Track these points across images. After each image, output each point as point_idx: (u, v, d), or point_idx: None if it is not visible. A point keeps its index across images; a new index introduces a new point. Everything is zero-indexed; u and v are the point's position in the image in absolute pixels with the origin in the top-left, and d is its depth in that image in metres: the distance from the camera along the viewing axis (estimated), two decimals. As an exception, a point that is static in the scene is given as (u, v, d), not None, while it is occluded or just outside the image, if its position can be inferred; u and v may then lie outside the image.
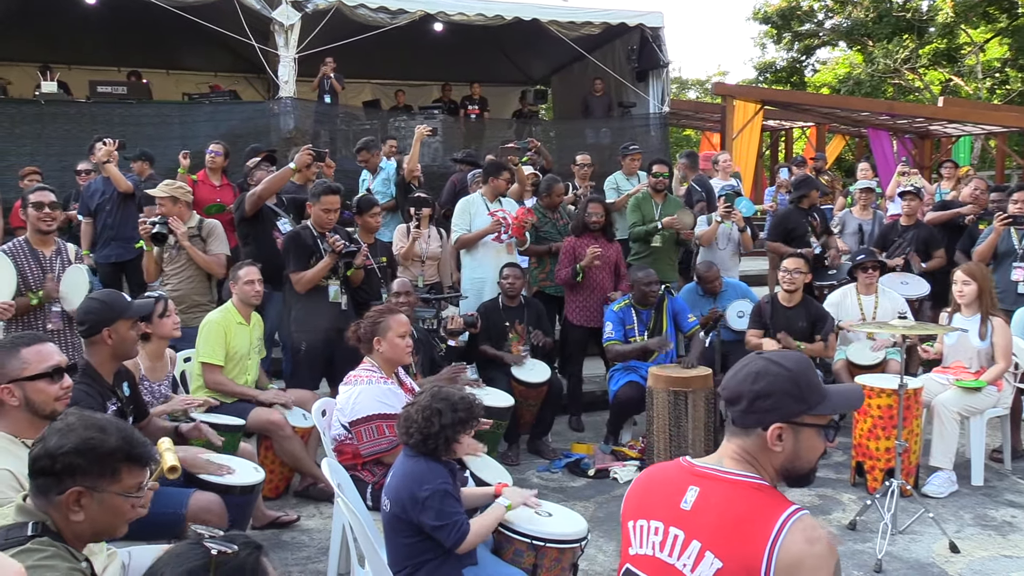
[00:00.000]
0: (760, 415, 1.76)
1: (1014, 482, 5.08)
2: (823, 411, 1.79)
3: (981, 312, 5.09)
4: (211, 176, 6.87)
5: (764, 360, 1.82)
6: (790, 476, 1.81)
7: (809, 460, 1.80)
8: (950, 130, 14.26)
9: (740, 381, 1.81)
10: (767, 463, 1.79)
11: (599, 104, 12.18)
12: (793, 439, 1.77)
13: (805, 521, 1.67)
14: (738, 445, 1.81)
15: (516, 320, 5.71)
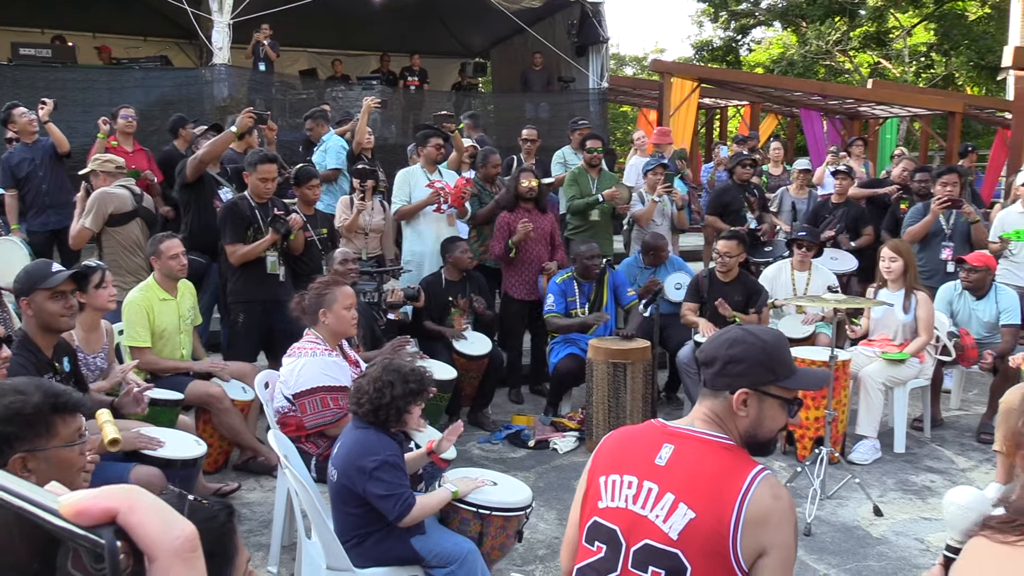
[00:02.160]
0: (730, 379, 1.87)
1: (933, 449, 5.34)
2: (789, 385, 1.89)
3: (906, 287, 5.29)
4: (123, 142, 6.66)
5: (743, 330, 1.93)
6: (752, 443, 1.90)
7: (770, 430, 1.90)
8: (878, 112, 14.66)
9: (717, 346, 1.91)
10: (733, 427, 1.89)
11: (538, 78, 12.18)
12: (758, 407, 1.87)
13: (771, 479, 1.79)
14: (708, 407, 1.91)
15: (459, 294, 5.72)
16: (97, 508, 0.49)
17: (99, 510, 0.49)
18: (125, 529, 0.49)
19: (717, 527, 1.75)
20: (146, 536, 0.49)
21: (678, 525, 1.78)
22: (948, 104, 14.29)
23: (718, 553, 1.75)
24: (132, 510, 0.50)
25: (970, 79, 25.04)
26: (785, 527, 1.76)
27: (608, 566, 1.87)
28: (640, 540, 1.82)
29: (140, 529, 0.49)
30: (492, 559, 3.03)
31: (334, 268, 4.82)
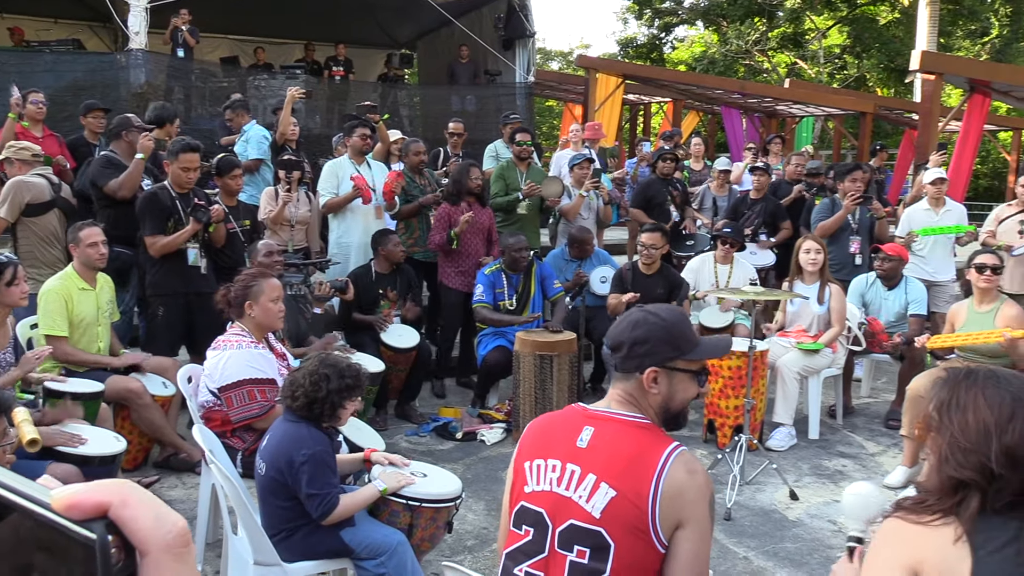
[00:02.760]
0: (638, 359, 1.94)
1: (845, 435, 5.57)
2: (694, 357, 1.97)
3: (821, 280, 5.50)
4: (33, 127, 6.40)
5: (643, 312, 2.00)
6: (667, 416, 1.98)
7: (683, 401, 1.98)
8: (795, 110, 15.14)
9: (621, 330, 1.99)
10: (647, 405, 1.96)
11: (465, 71, 12.16)
12: (667, 382, 1.95)
13: (685, 455, 1.87)
14: (622, 389, 1.98)
15: (388, 287, 5.70)
16: (89, 502, 0.49)
17: (91, 504, 0.49)
18: (117, 523, 0.49)
19: (637, 503, 1.82)
20: (138, 530, 0.50)
21: (600, 504, 1.84)
22: (860, 104, 14.86)
23: (639, 528, 1.82)
24: (124, 504, 0.50)
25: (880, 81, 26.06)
26: (701, 501, 1.84)
27: (536, 548, 1.92)
28: (565, 521, 1.88)
29: (132, 523, 0.49)
30: (422, 550, 3.04)
31: (258, 260, 4.74)
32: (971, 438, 1.60)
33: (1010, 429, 1.58)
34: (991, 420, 1.60)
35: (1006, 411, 1.60)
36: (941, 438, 1.66)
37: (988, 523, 1.58)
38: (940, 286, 6.63)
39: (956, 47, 25.40)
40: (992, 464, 1.57)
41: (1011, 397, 1.62)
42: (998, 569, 1.54)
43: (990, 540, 1.56)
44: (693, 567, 1.84)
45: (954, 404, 1.66)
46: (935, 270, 6.64)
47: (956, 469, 1.60)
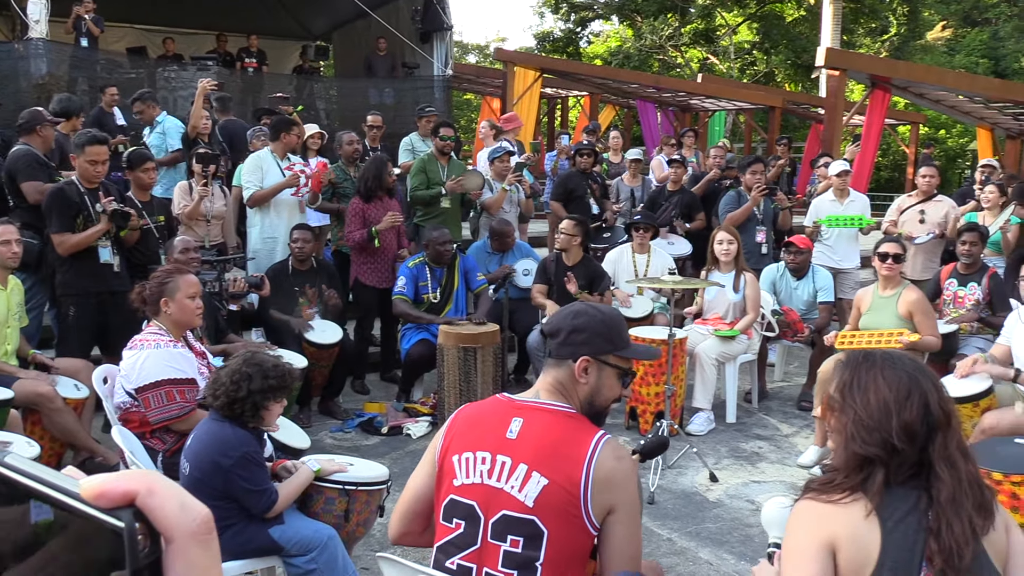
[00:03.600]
0: (573, 347, 2.00)
1: (761, 418, 5.77)
2: (625, 355, 2.05)
3: (736, 269, 5.68)
4: None
5: (585, 305, 2.09)
6: (590, 411, 2.03)
7: (606, 398, 2.05)
8: (707, 105, 15.53)
9: (562, 317, 2.06)
10: (575, 395, 2.02)
11: (382, 64, 12.05)
12: (597, 374, 2.01)
13: (612, 442, 1.94)
14: (553, 377, 2.03)
15: (306, 284, 5.62)
16: (117, 491, 0.50)
17: (119, 493, 0.50)
18: (143, 511, 0.50)
19: (569, 490, 1.88)
20: (164, 518, 0.51)
21: (533, 493, 1.89)
22: (769, 99, 15.34)
23: (571, 515, 1.88)
24: (151, 493, 0.51)
25: (788, 76, 26.93)
26: (629, 484, 1.92)
27: (468, 541, 1.95)
28: (497, 512, 1.92)
29: (158, 511, 0.51)
30: (357, 536, 3.05)
31: (174, 257, 4.61)
32: (873, 416, 1.70)
33: (908, 405, 1.68)
34: (891, 398, 1.70)
35: (903, 389, 1.70)
36: (845, 417, 1.74)
37: (892, 495, 1.68)
38: (846, 273, 6.92)
39: (858, 44, 26.47)
40: (894, 439, 1.66)
41: (907, 376, 1.72)
42: (902, 537, 1.64)
43: (895, 511, 1.66)
44: (627, 549, 1.91)
45: (856, 385, 1.75)
46: (841, 258, 6.92)
47: (861, 446, 1.69)
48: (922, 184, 6.92)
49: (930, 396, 1.70)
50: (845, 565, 1.66)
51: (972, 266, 5.57)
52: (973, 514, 1.64)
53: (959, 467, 1.67)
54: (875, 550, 1.64)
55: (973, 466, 1.71)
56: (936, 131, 23.38)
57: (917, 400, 1.69)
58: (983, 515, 1.66)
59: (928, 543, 1.63)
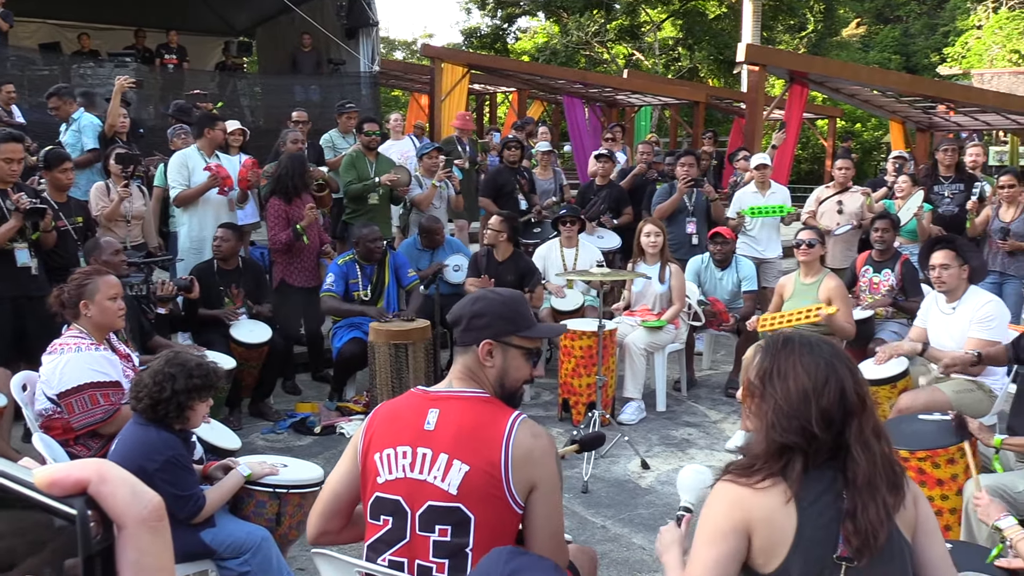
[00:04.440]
0: (476, 332, 2.05)
1: (690, 406, 5.91)
2: (529, 335, 2.09)
3: (661, 260, 5.80)
4: None
5: (484, 290, 2.16)
6: (503, 394, 2.08)
7: (516, 379, 2.09)
8: (633, 100, 15.75)
9: (463, 305, 2.11)
10: (485, 379, 2.06)
11: (308, 60, 11.90)
12: (502, 356, 2.06)
13: (528, 421, 2.00)
14: (462, 364, 2.07)
15: (232, 283, 5.52)
16: (69, 479, 0.51)
17: (71, 481, 0.51)
18: (95, 499, 0.51)
19: (491, 472, 1.92)
20: (115, 506, 0.52)
21: (456, 480, 1.92)
22: (693, 94, 15.65)
23: (495, 496, 1.92)
24: (102, 480, 0.52)
25: (711, 72, 27.49)
26: (548, 460, 1.97)
27: (397, 536, 1.97)
28: (423, 504, 1.94)
29: (110, 499, 0.52)
30: (290, 539, 3.02)
31: (103, 259, 4.48)
32: (792, 404, 1.74)
33: (825, 392, 1.74)
34: (809, 386, 1.74)
35: (821, 376, 1.75)
36: (766, 405, 1.79)
37: (808, 477, 1.73)
38: (769, 262, 7.13)
39: (778, 41, 27.17)
40: (812, 427, 1.72)
41: (824, 363, 1.77)
42: (818, 517, 1.70)
43: (810, 492, 1.72)
44: (549, 523, 1.97)
45: (776, 372, 1.80)
46: (764, 248, 7.13)
47: (781, 434, 1.74)
48: (838, 176, 7.17)
49: (846, 382, 1.75)
50: (760, 544, 1.72)
51: (886, 253, 5.80)
52: (887, 494, 1.71)
53: (874, 449, 1.73)
54: (791, 531, 1.70)
55: (887, 446, 1.78)
56: (853, 125, 24.18)
57: (834, 387, 1.74)
58: (895, 493, 1.74)
59: (844, 524, 1.69)
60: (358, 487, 2.07)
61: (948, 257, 4.34)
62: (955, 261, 4.33)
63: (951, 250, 4.35)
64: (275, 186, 5.87)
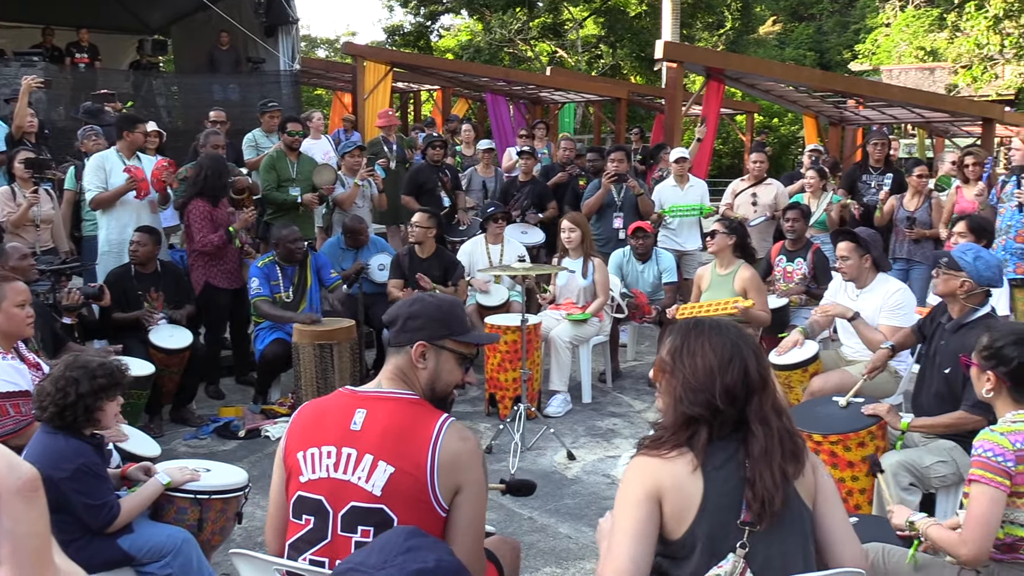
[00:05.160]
0: (410, 333, 2.05)
1: (615, 396, 6.02)
2: (463, 339, 2.11)
3: (584, 255, 5.89)
4: None
5: (422, 293, 2.15)
6: (432, 397, 2.09)
7: (448, 383, 2.11)
8: (556, 97, 15.89)
9: (399, 306, 2.11)
10: (416, 380, 2.07)
11: (226, 58, 11.65)
12: (435, 359, 2.07)
13: (456, 425, 2.00)
14: (394, 364, 2.08)
15: (151, 288, 5.39)
16: None
17: None
18: None
19: (416, 475, 1.93)
20: None
21: (380, 482, 1.92)
22: (615, 91, 15.88)
23: (419, 499, 1.93)
24: None
25: (634, 69, 27.90)
26: (475, 464, 1.99)
27: (318, 535, 1.97)
28: (346, 504, 1.95)
29: None
30: (213, 544, 2.99)
31: (11, 265, 4.32)
32: (699, 379, 1.86)
33: (730, 370, 1.86)
34: (715, 363, 1.87)
35: (727, 355, 1.87)
36: (675, 380, 1.91)
37: (713, 447, 1.85)
38: (689, 255, 7.31)
39: (697, 38, 27.75)
40: (716, 400, 1.84)
41: (731, 343, 1.90)
42: (723, 483, 1.82)
43: (716, 460, 1.84)
44: (472, 528, 1.99)
45: (685, 350, 1.92)
46: (684, 241, 7.31)
47: (688, 407, 1.86)
48: (753, 169, 7.39)
49: (749, 362, 1.88)
50: (670, 510, 1.82)
51: (798, 242, 6.01)
52: (784, 462, 1.83)
53: (772, 425, 1.86)
54: (698, 497, 1.80)
55: (787, 420, 1.90)
56: (770, 119, 24.88)
57: (738, 365, 1.86)
58: (794, 462, 1.86)
59: (746, 491, 1.80)
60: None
61: (848, 249, 4.53)
62: (855, 252, 4.52)
63: (851, 241, 4.54)
64: (197, 189, 5.74)
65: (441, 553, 1.15)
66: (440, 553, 1.15)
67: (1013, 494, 2.33)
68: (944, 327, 3.65)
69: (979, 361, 2.56)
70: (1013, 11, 15.29)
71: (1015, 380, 2.47)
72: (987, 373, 2.52)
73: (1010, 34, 16.01)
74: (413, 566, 1.12)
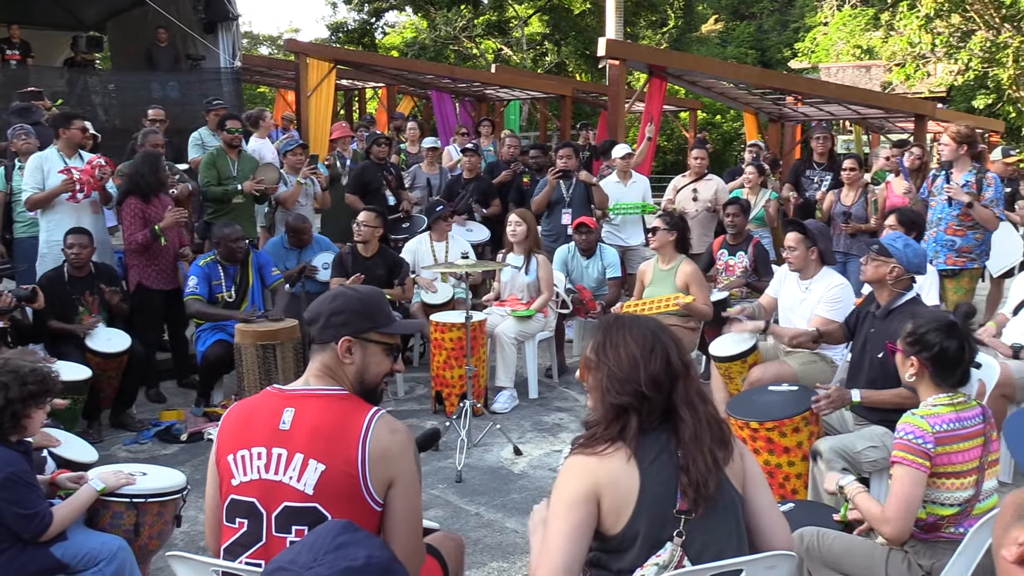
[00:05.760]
0: (334, 329, 2.04)
1: (561, 392, 6.07)
2: (388, 330, 2.11)
3: (527, 251, 5.92)
4: None
5: (342, 287, 2.15)
6: (362, 390, 2.09)
7: (376, 375, 2.11)
8: (502, 94, 15.91)
9: (320, 302, 2.10)
10: (344, 376, 2.06)
11: (165, 56, 11.44)
12: (362, 353, 2.07)
13: (386, 417, 2.00)
14: (320, 362, 2.06)
15: (85, 291, 5.26)
16: None
17: None
18: None
19: (347, 471, 1.92)
20: None
21: (311, 480, 1.92)
22: (560, 88, 15.96)
23: (352, 495, 1.93)
24: None
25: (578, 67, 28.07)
26: (406, 456, 1.99)
27: (253, 538, 1.96)
28: (279, 505, 1.94)
29: None
30: (151, 549, 2.94)
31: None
32: (624, 369, 1.91)
33: (652, 358, 1.91)
34: (638, 353, 1.92)
35: (648, 345, 1.93)
36: (600, 373, 1.95)
37: (646, 439, 1.89)
38: (633, 250, 7.39)
39: (641, 36, 28.03)
40: (643, 388, 1.88)
41: (651, 334, 1.95)
42: (658, 474, 1.85)
43: (649, 452, 1.88)
44: (407, 519, 1.99)
45: (608, 344, 1.96)
46: (627, 236, 7.39)
47: (615, 397, 1.90)
48: (693, 165, 7.51)
49: (670, 350, 1.93)
50: (608, 507, 1.85)
51: (738, 236, 6.12)
52: (713, 447, 1.88)
53: (698, 409, 1.91)
54: (635, 491, 1.84)
55: (712, 408, 1.96)
56: (713, 116, 25.24)
57: (660, 353, 1.91)
58: (723, 448, 1.92)
59: (680, 478, 1.84)
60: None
61: (796, 240, 4.64)
62: (802, 243, 4.64)
63: (800, 233, 4.66)
64: (130, 185, 5.64)
65: (372, 549, 1.15)
66: (371, 549, 1.15)
67: (934, 475, 2.42)
68: (873, 315, 3.77)
69: (903, 347, 2.65)
70: (943, 11, 15.75)
71: (937, 366, 2.57)
72: (911, 359, 2.62)
73: (940, 33, 16.50)
74: (342, 564, 1.12)
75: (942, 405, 2.52)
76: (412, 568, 2.02)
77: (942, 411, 2.49)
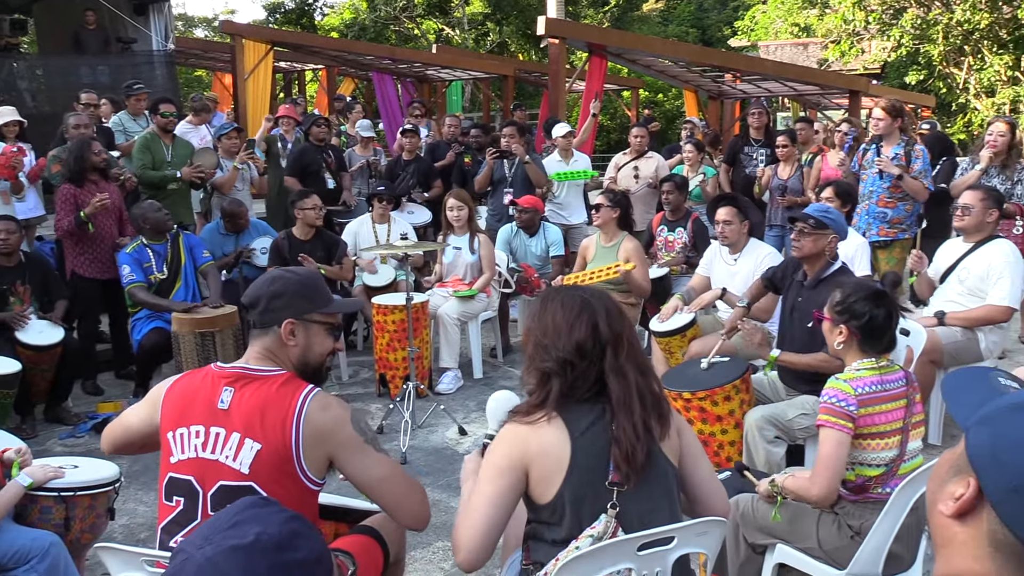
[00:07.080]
0: (276, 313, 2.05)
1: (506, 371, 6.09)
2: (329, 310, 2.12)
3: (469, 231, 5.91)
4: None
5: (280, 271, 2.14)
6: (306, 370, 2.09)
7: (320, 354, 2.12)
8: (443, 75, 15.81)
9: (259, 286, 2.10)
10: (286, 358, 2.07)
11: (93, 39, 11.09)
12: (305, 334, 2.08)
13: (319, 396, 2.01)
14: (261, 345, 2.07)
15: (16, 281, 5.11)
16: None
17: None
18: None
19: (282, 451, 1.94)
20: None
21: (247, 460, 1.93)
22: (502, 68, 15.91)
23: (287, 473, 1.95)
24: None
25: (520, 46, 27.97)
26: (341, 429, 2.00)
27: (189, 517, 1.97)
28: (215, 483, 1.94)
29: None
30: (84, 543, 2.88)
31: None
32: (549, 336, 1.94)
33: (578, 325, 1.93)
34: (563, 319, 1.94)
35: (575, 311, 1.95)
36: (531, 341, 1.99)
37: (579, 411, 1.91)
38: (576, 228, 7.42)
39: (583, 15, 28.03)
40: (565, 355, 1.90)
41: (580, 301, 1.97)
42: (589, 445, 1.88)
43: (581, 422, 1.90)
44: (370, 475, 2.02)
45: (540, 312, 2.00)
46: (570, 214, 7.41)
47: (540, 363, 1.94)
48: (634, 143, 7.57)
49: (599, 316, 1.94)
50: (538, 476, 1.88)
51: (677, 212, 6.19)
52: (645, 415, 1.90)
53: (629, 378, 1.92)
54: (566, 459, 1.87)
55: (650, 380, 1.97)
56: (655, 95, 25.42)
57: (586, 320, 1.93)
58: (659, 421, 1.94)
59: (612, 450, 1.86)
60: (152, 431, 2.09)
61: (731, 214, 4.72)
62: (736, 217, 4.71)
63: (733, 207, 4.73)
64: (64, 171, 5.51)
65: (267, 526, 1.12)
66: (266, 525, 1.12)
67: (859, 436, 2.50)
68: (801, 283, 3.85)
69: (832, 316, 2.72)
70: (876, -12, 16.08)
71: (865, 334, 2.64)
72: (840, 327, 2.68)
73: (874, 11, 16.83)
74: (229, 542, 1.09)
75: (865, 369, 2.59)
76: (413, 510, 2.10)
77: (865, 374, 2.56)
